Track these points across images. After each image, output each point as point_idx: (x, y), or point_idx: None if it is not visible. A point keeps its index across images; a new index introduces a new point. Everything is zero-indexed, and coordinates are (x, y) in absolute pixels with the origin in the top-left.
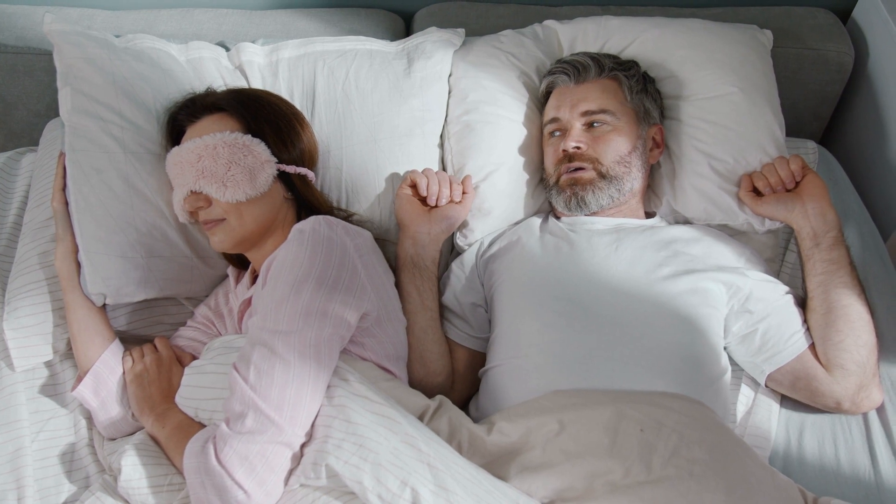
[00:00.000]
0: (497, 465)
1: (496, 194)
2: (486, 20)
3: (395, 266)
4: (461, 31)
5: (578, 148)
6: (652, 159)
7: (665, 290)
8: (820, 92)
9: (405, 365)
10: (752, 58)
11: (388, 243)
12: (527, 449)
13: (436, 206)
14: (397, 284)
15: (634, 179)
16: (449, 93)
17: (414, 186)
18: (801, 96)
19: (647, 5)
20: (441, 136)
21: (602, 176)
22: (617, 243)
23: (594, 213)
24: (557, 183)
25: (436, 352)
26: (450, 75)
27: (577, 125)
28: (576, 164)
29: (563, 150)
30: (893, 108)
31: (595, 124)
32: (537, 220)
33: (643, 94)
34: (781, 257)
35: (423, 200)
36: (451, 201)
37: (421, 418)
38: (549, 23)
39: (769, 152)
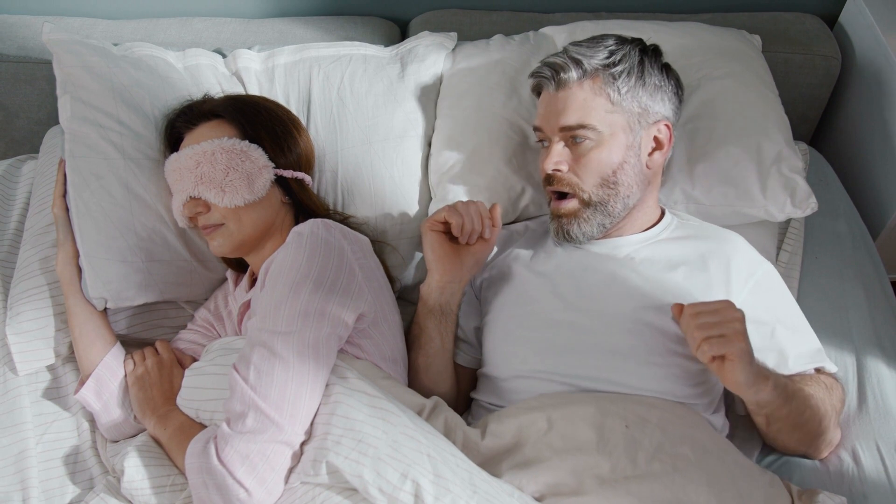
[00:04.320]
0: (490, 464)
1: (476, 193)
2: (479, 27)
3: (417, 308)
4: (453, 34)
5: (558, 170)
6: (651, 164)
7: (657, 327)
8: (809, 95)
9: (403, 368)
10: (748, 51)
11: (384, 245)
12: (518, 447)
13: (465, 244)
14: (420, 327)
15: (626, 197)
16: (439, 93)
17: (444, 222)
18: (791, 99)
19: (638, 11)
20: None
21: (586, 204)
22: (611, 279)
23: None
24: (549, 204)
25: (446, 386)
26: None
27: (557, 141)
28: (556, 188)
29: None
30: (880, 108)
31: (576, 139)
32: (528, 253)
33: (638, 88)
34: (775, 255)
35: (451, 235)
36: (481, 237)
37: None
38: (544, 30)
39: (780, 132)
